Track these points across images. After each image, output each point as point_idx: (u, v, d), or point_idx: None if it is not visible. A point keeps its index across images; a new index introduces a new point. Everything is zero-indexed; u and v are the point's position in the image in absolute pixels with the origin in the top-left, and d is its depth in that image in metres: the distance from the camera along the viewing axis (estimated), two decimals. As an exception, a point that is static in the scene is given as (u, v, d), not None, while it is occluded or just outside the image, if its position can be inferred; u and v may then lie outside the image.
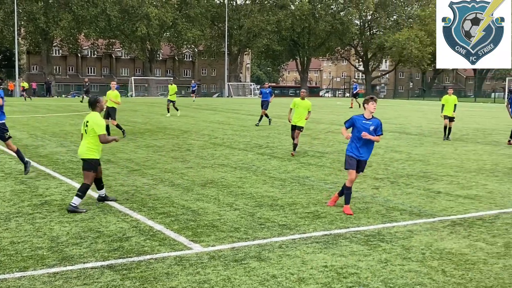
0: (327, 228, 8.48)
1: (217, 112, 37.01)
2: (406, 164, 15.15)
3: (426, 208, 9.94)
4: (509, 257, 7.22)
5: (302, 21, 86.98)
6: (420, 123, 30.62)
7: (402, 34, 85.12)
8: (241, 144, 19.05)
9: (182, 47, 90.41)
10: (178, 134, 22.10)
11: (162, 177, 12.57)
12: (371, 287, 6.07)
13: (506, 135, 23.72)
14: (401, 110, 45.54)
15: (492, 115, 40.22)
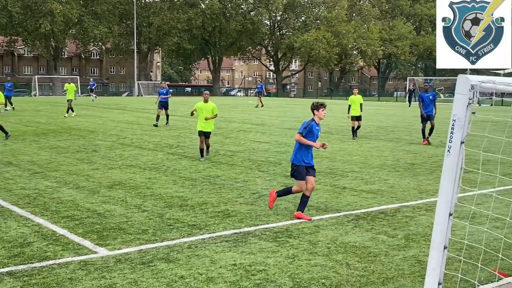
0: (237, 227, 8.54)
1: (126, 111, 36.24)
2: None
3: (332, 204, 10.24)
4: (409, 249, 7.57)
5: (213, 20, 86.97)
6: (328, 121, 31.45)
7: (310, 35, 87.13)
8: (150, 144, 18.78)
9: (89, 44, 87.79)
10: (84, 134, 21.45)
11: (67, 179, 12.16)
12: (278, 283, 6.18)
13: (406, 133, 24.91)
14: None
15: (394, 113, 42.03)
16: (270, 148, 18.21)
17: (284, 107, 46.69)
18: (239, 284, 6.14)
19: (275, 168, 14.14)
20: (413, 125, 29.76)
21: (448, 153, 4.13)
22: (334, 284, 6.18)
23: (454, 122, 4.07)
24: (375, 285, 6.17)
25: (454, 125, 4.07)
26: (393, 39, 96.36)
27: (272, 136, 22.27)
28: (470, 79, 4.00)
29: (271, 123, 28.68)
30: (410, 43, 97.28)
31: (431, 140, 20.57)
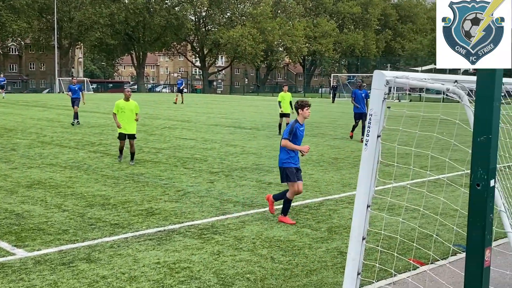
0: (161, 225, 8.44)
1: (46, 109, 35.03)
2: (240, 157, 15.58)
3: (258, 199, 10.31)
4: (332, 241, 7.74)
5: (137, 15, 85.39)
6: (254, 117, 31.67)
7: (236, 31, 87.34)
8: (72, 142, 18.24)
9: (7, 40, 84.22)
10: (1, 133, 20.55)
11: (-17, 179, 11.61)
12: (203, 279, 6.16)
13: (330, 128, 25.46)
14: (237, 105, 46.77)
15: (319, 109, 42.82)
16: (196, 145, 18.11)
17: (211, 104, 46.59)
18: (162, 282, 6.07)
19: (201, 165, 14.08)
20: (337, 120, 30.47)
21: (365, 147, 4.24)
22: (258, 278, 6.23)
23: (371, 116, 4.19)
24: (299, 278, 6.27)
25: (371, 120, 4.19)
26: (317, 37, 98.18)
27: (198, 133, 22.16)
28: (385, 75, 4.12)
29: (197, 120, 28.54)
30: (333, 41, 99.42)
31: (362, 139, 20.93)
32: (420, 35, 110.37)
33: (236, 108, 42.44)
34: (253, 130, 23.91)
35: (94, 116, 29.55)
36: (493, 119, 3.06)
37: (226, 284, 6.05)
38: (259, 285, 6.04)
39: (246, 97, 73.20)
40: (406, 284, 5.93)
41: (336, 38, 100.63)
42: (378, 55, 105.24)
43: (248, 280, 6.16)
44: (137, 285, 5.96)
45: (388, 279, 6.13)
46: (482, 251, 3.21)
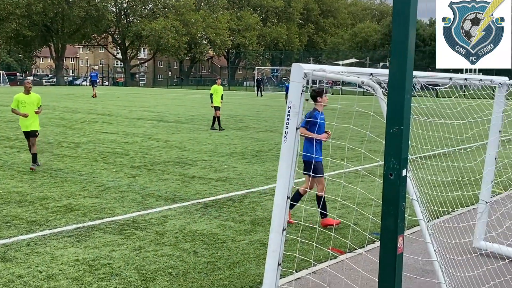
0: (80, 221, 8.21)
1: (-43, 102, 33.28)
2: (163, 151, 15.40)
3: (181, 193, 10.23)
4: (255, 233, 7.79)
5: (55, 5, 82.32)
6: (178, 110, 31.40)
7: (159, 23, 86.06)
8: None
9: None
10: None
11: None
12: (124, 276, 6.05)
13: (255, 121, 25.62)
14: (161, 98, 46.16)
15: (243, 102, 43.03)
16: (117, 139, 17.74)
17: (133, 97, 45.75)
18: (82, 279, 5.91)
19: (122, 160, 13.80)
20: (261, 113, 30.71)
21: (284, 139, 4.29)
22: (181, 273, 6.19)
23: (290, 109, 4.23)
24: (221, 271, 6.28)
25: (290, 112, 4.23)
26: (241, 30, 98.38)
27: (119, 126, 21.71)
28: (303, 68, 4.18)
29: (119, 113, 27.96)
30: (257, 34, 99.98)
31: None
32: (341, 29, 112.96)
33: (159, 101, 41.90)
34: (177, 123, 23.69)
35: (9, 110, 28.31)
36: (404, 110, 3.17)
37: (148, 279, 5.97)
38: (181, 279, 6.00)
39: (170, 90, 72.42)
40: (326, 273, 6.07)
41: (260, 32, 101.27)
42: (301, 48, 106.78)
43: (170, 275, 6.10)
44: (55, 283, 5.78)
45: (309, 269, 6.25)
46: (395, 238, 3.32)
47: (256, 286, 5.86)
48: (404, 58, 3.16)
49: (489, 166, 6.85)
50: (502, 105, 6.56)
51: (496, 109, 6.60)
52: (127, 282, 5.88)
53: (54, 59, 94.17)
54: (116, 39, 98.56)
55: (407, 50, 3.14)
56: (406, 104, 3.17)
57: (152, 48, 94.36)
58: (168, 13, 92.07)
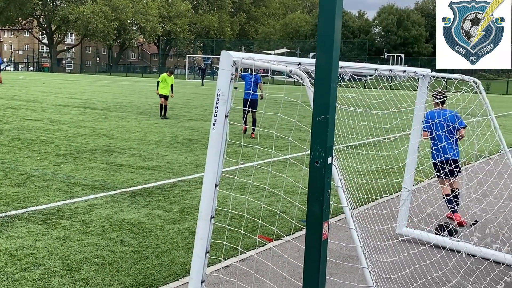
0: (2, 210, 7.90)
1: None
2: (90, 139, 15.03)
3: (108, 182, 10.02)
4: (184, 222, 7.76)
5: (-25, -14, 78.61)
6: (106, 98, 30.71)
7: (87, 8, 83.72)
8: None
9: None
10: None
11: None
12: (47, 266, 5.88)
13: (185, 109, 25.44)
14: (88, 85, 44.97)
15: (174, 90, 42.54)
16: (42, 126, 17.15)
17: (59, 83, 44.33)
18: (3, 270, 5.70)
19: (47, 147, 13.37)
20: (192, 101, 30.52)
21: (213, 127, 4.28)
22: (107, 262, 6.08)
23: (219, 96, 4.22)
24: (149, 259, 6.21)
25: (219, 100, 4.22)
26: (172, 17, 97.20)
27: (44, 113, 21.00)
28: (232, 55, 4.17)
29: (44, 100, 27.04)
30: (188, 21, 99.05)
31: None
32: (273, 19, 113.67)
33: (87, 88, 40.82)
34: (105, 110, 23.18)
35: None
36: (330, 100, 3.22)
37: (73, 269, 5.83)
38: (108, 269, 5.89)
39: (98, 77, 70.66)
40: (254, 260, 6.12)
41: (191, 19, 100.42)
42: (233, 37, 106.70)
43: (96, 265, 5.98)
44: (-27, 276, 5.55)
45: (237, 257, 6.29)
46: (320, 224, 3.38)
47: (184, 274, 5.84)
48: (330, 48, 3.21)
49: (412, 155, 7.11)
50: (424, 96, 6.81)
51: (419, 100, 6.85)
52: (51, 272, 5.72)
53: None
54: (41, 23, 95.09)
55: (333, 40, 3.19)
56: (332, 93, 3.23)
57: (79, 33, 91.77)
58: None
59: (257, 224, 7.51)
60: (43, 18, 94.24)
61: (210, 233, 4.37)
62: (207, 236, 4.34)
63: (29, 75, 63.29)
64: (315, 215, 3.37)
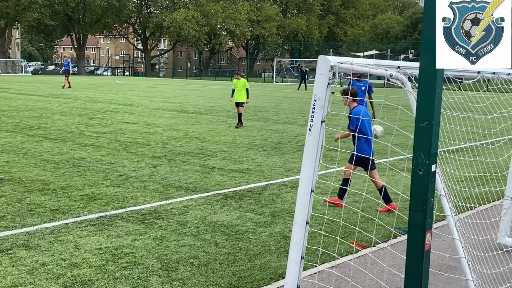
0: (103, 210, 8.28)
1: (-19, 91, 33.70)
2: (183, 141, 15.45)
3: (201, 184, 10.26)
4: (275, 225, 7.79)
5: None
6: (197, 101, 31.46)
7: (179, 14, 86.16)
8: (9, 126, 17.60)
9: None
10: None
11: None
12: (146, 265, 6.09)
13: (273, 112, 25.58)
14: (180, 89, 46.30)
15: (262, 93, 42.94)
16: (138, 129, 17.84)
17: (153, 87, 45.95)
18: (105, 268, 5.96)
19: (144, 149, 13.88)
20: (280, 105, 30.65)
21: (309, 132, 4.26)
22: (202, 263, 6.21)
23: (315, 101, 4.20)
24: (242, 262, 6.29)
25: (315, 105, 4.20)
26: (260, 20, 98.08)
27: (140, 116, 21.82)
28: (330, 60, 4.15)
29: (139, 104, 28.10)
30: (277, 25, 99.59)
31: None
32: (362, 20, 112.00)
33: (179, 92, 42.04)
34: (196, 114, 23.75)
35: (32, 99, 28.62)
36: (435, 105, 3.13)
37: (170, 269, 6.00)
38: (203, 269, 6.02)
39: (189, 81, 72.58)
40: (348, 267, 6.04)
41: (280, 23, 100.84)
42: (320, 40, 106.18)
43: (192, 265, 6.13)
44: (79, 271, 5.84)
45: (331, 263, 6.24)
46: (423, 234, 3.29)
47: (277, 278, 5.86)
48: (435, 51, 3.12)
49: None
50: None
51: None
52: (149, 271, 5.92)
53: (76, 49, 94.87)
54: (137, 30, 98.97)
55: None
56: (436, 98, 3.13)
57: (172, 39, 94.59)
58: (189, 4, 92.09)
59: (350, 230, 7.41)
60: (138, 25, 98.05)
61: (306, 238, 4.36)
62: (302, 242, 4.33)
63: (125, 80, 66.08)
64: (417, 224, 3.27)
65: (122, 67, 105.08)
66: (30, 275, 5.71)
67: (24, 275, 5.69)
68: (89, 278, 5.69)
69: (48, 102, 26.72)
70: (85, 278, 5.67)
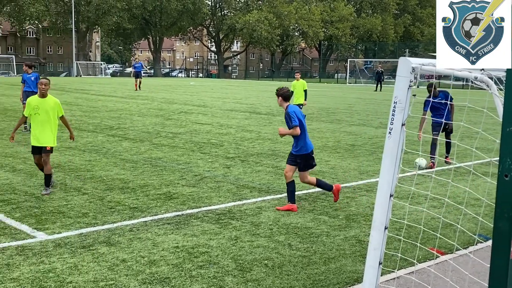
0: (179, 209, 8.46)
1: (64, 92, 35.19)
2: (256, 143, 15.56)
3: (274, 185, 10.29)
4: (350, 229, 7.71)
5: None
6: (270, 103, 31.58)
7: (252, 16, 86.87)
8: (90, 126, 18.33)
9: (24, 23, 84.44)
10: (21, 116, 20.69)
11: (2, 162, 11.74)
12: (221, 264, 6.17)
13: (347, 114, 25.31)
14: (252, 90, 46.66)
15: (335, 94, 42.60)
16: (212, 130, 18.12)
17: (226, 89, 46.53)
18: (182, 266, 6.10)
19: (217, 150, 14.09)
20: (353, 106, 30.30)
21: (389, 135, 4.19)
22: (276, 264, 6.23)
23: (395, 104, 4.13)
24: (317, 265, 6.26)
25: (396, 107, 4.13)
26: (334, 21, 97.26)
27: (213, 117, 22.16)
28: (411, 62, 4.06)
29: (213, 105, 28.54)
30: (351, 25, 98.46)
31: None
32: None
33: (251, 93, 42.37)
34: (269, 115, 23.86)
35: (111, 100, 29.68)
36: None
37: (245, 269, 6.06)
38: (277, 271, 6.04)
39: (261, 82, 72.99)
40: (427, 273, 5.89)
41: (354, 23, 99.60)
42: (396, 40, 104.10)
43: (266, 266, 6.16)
44: (157, 269, 6.00)
45: (408, 268, 6.10)
46: (508, 242, 3.16)
47: (353, 283, 5.80)
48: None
49: None
50: None
51: None
52: (225, 271, 6.00)
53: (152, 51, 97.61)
54: (210, 32, 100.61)
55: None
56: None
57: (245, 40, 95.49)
58: (262, 6, 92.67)
59: (427, 235, 7.23)
60: (212, 27, 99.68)
61: (384, 243, 4.28)
62: (380, 247, 4.26)
63: (198, 81, 67.28)
64: (502, 232, 3.14)
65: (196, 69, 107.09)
66: (111, 271, 5.92)
67: (105, 271, 5.91)
68: (167, 275, 5.83)
69: (126, 103, 27.63)
70: (163, 276, 5.82)
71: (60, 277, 5.72)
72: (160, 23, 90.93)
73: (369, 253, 4.31)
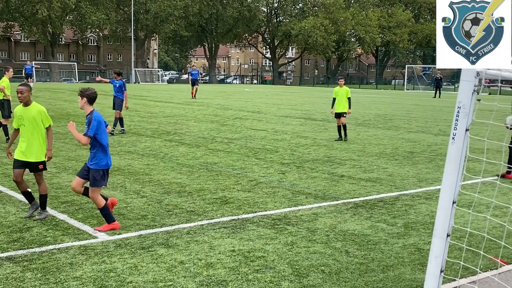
0: (235, 213, 8.52)
1: (123, 98, 36.13)
2: (311, 149, 15.50)
3: (330, 192, 10.22)
4: (408, 237, 7.56)
5: (210, 7, 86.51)
6: (325, 109, 31.40)
7: (308, 22, 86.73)
8: (148, 131, 18.72)
9: (86, 31, 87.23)
10: (82, 120, 21.34)
11: (66, 165, 12.12)
12: (278, 269, 6.17)
13: (405, 121, 24.89)
14: (307, 96, 46.55)
15: (392, 101, 41.98)
16: (266, 136, 18.17)
17: (280, 95, 46.60)
18: (238, 270, 6.13)
19: (272, 156, 14.11)
20: (411, 113, 29.77)
21: (452, 141, 4.10)
22: (333, 271, 6.18)
23: (459, 109, 4.03)
24: (375, 273, 6.17)
25: (459, 113, 4.04)
26: (391, 27, 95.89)
27: (268, 123, 22.22)
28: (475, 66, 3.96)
29: (268, 111, 28.62)
30: (408, 31, 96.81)
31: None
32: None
33: (306, 99, 42.27)
34: (324, 122, 23.73)
35: (168, 106, 30.22)
36: None
37: (301, 275, 6.03)
38: (334, 278, 5.98)
39: (316, 89, 72.71)
40: (489, 283, 5.71)
41: (412, 28, 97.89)
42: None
43: (323, 273, 6.12)
44: (214, 271, 6.05)
45: (469, 277, 5.93)
46: None
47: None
48: None
49: None
50: None
51: None
52: (281, 276, 6.00)
53: (208, 58, 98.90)
54: (266, 39, 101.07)
55: None
56: None
57: (300, 47, 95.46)
58: (318, 12, 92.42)
59: (489, 244, 7.02)
60: (267, 34, 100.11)
61: (446, 251, 4.18)
62: (442, 255, 4.17)
63: (253, 88, 67.68)
64: None
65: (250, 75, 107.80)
66: (169, 272, 6.02)
67: (164, 272, 6.01)
68: (224, 278, 5.88)
69: (182, 109, 28.07)
70: (220, 278, 5.87)
71: (120, 276, 5.86)
72: (216, 30, 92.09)
73: (430, 261, 4.22)
